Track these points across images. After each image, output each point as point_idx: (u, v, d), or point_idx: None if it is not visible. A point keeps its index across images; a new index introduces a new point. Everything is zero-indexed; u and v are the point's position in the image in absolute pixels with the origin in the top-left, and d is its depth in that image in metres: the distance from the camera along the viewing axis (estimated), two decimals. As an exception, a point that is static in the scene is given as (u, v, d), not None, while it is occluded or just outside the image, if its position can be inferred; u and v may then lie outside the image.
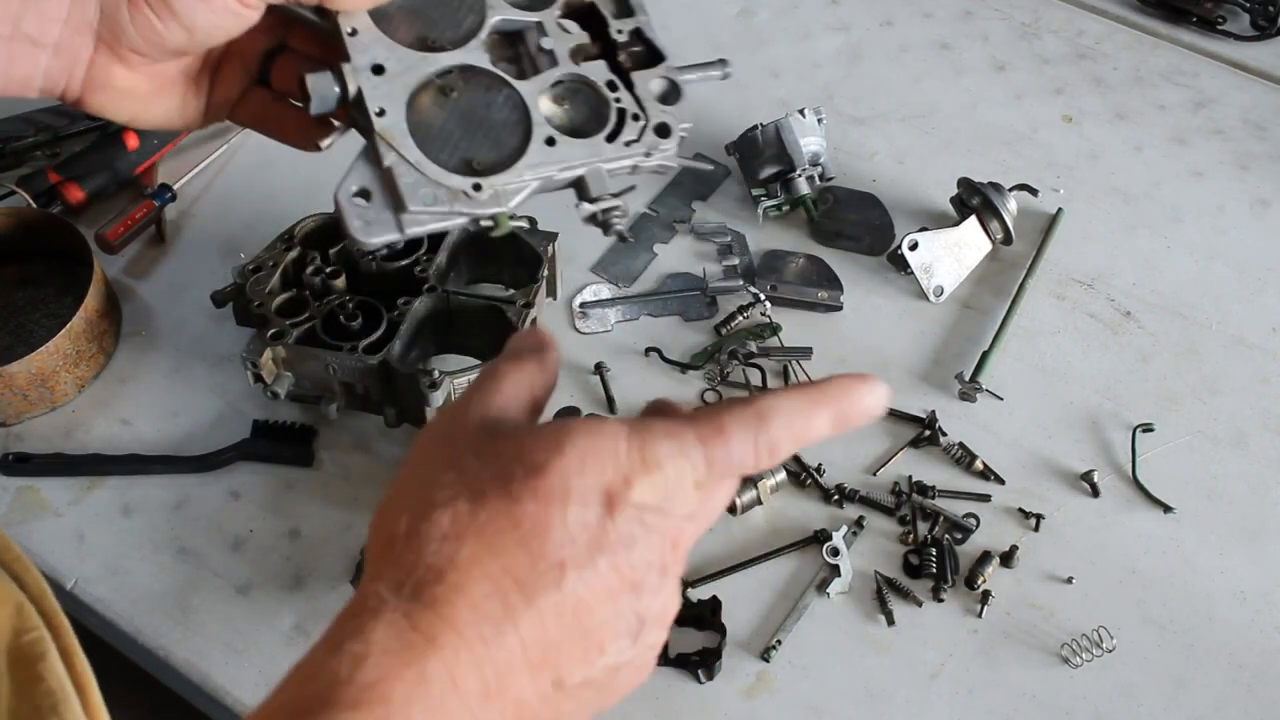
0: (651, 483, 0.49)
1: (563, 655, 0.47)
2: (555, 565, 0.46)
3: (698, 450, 0.50)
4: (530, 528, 0.47)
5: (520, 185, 0.69)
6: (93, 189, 1.15)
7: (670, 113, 0.76)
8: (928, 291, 1.11)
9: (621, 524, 0.48)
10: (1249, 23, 1.39)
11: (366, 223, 0.66)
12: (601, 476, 0.48)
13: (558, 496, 0.47)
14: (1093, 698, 0.88)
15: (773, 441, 0.51)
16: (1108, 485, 0.99)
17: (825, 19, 1.40)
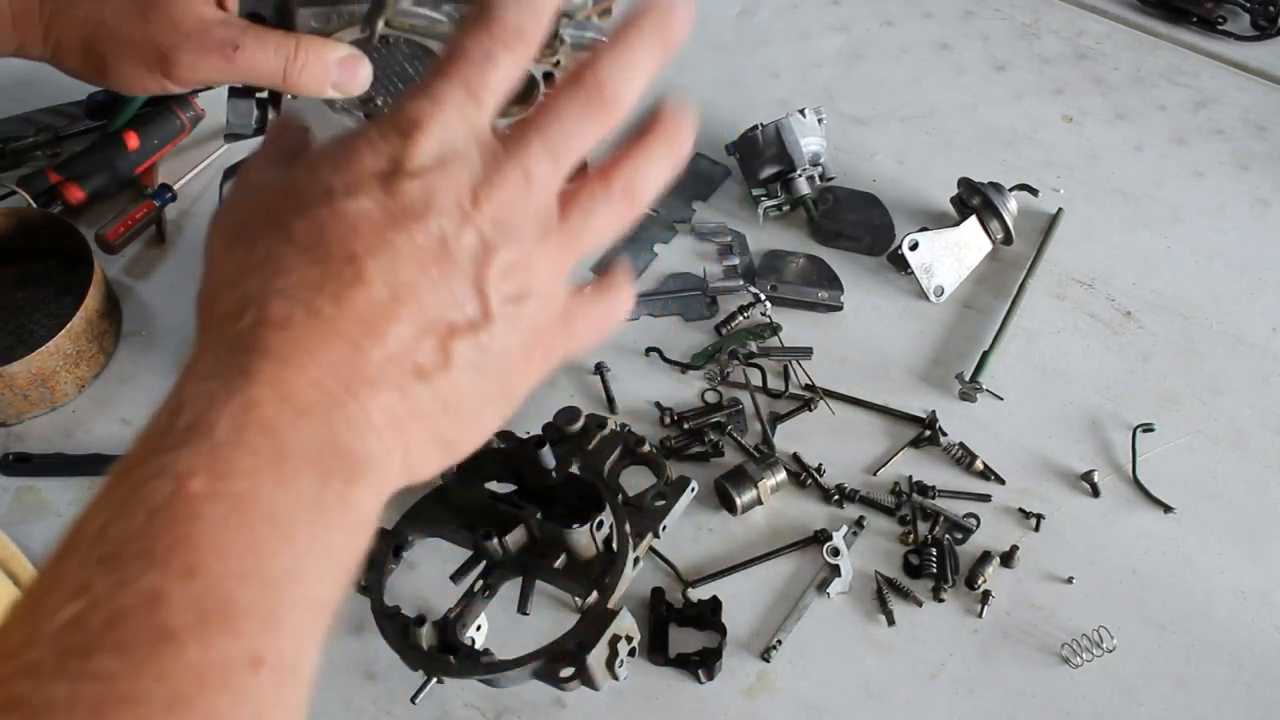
0: (420, 145, 0.44)
1: (405, 343, 0.43)
2: (348, 260, 0.43)
3: (444, 82, 0.45)
4: (306, 240, 0.43)
5: None
6: (93, 189, 1.15)
7: None
8: (928, 291, 1.11)
9: (401, 196, 0.43)
10: (1249, 23, 1.39)
11: None
12: (363, 165, 0.44)
13: (322, 200, 0.44)
14: (1093, 698, 0.88)
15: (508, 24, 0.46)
16: (1108, 485, 0.99)
17: (825, 19, 1.40)
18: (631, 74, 0.47)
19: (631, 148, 0.49)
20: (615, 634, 0.78)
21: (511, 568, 0.84)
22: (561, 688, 0.77)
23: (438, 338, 0.44)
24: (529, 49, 0.47)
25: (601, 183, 0.48)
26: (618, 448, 0.93)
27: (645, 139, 0.49)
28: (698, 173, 1.22)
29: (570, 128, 0.46)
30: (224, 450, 0.39)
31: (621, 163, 0.49)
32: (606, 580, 0.82)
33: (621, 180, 0.49)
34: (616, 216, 0.49)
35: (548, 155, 0.46)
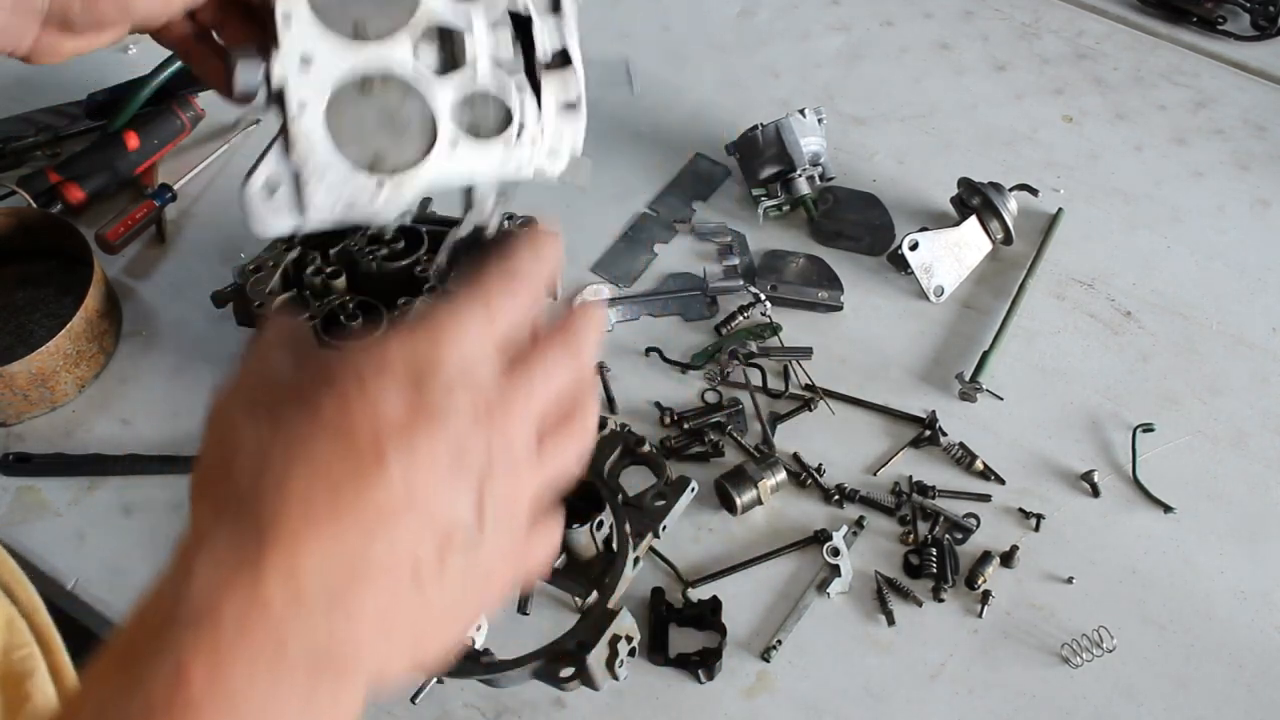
0: (449, 355, 0.47)
1: (410, 543, 0.44)
2: (372, 450, 0.44)
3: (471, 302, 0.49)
4: (334, 422, 0.44)
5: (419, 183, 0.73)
6: (93, 189, 1.15)
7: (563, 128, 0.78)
8: (928, 291, 1.11)
9: (429, 395, 0.45)
10: (1249, 23, 1.39)
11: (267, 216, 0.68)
12: (394, 365, 0.46)
13: (354, 388, 0.45)
14: (1093, 698, 0.88)
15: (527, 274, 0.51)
16: (1108, 485, 0.99)
17: (825, 19, 1.40)
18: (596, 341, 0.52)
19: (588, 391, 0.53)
20: (615, 634, 0.79)
21: None
22: (561, 688, 0.78)
23: (437, 545, 0.44)
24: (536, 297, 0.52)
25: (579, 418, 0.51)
26: (618, 448, 0.93)
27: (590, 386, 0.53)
28: (698, 173, 1.22)
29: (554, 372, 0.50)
30: (226, 641, 0.40)
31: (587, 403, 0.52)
32: (606, 580, 0.82)
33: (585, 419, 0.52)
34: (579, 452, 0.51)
35: (541, 386, 0.49)
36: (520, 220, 1.03)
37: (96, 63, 1.29)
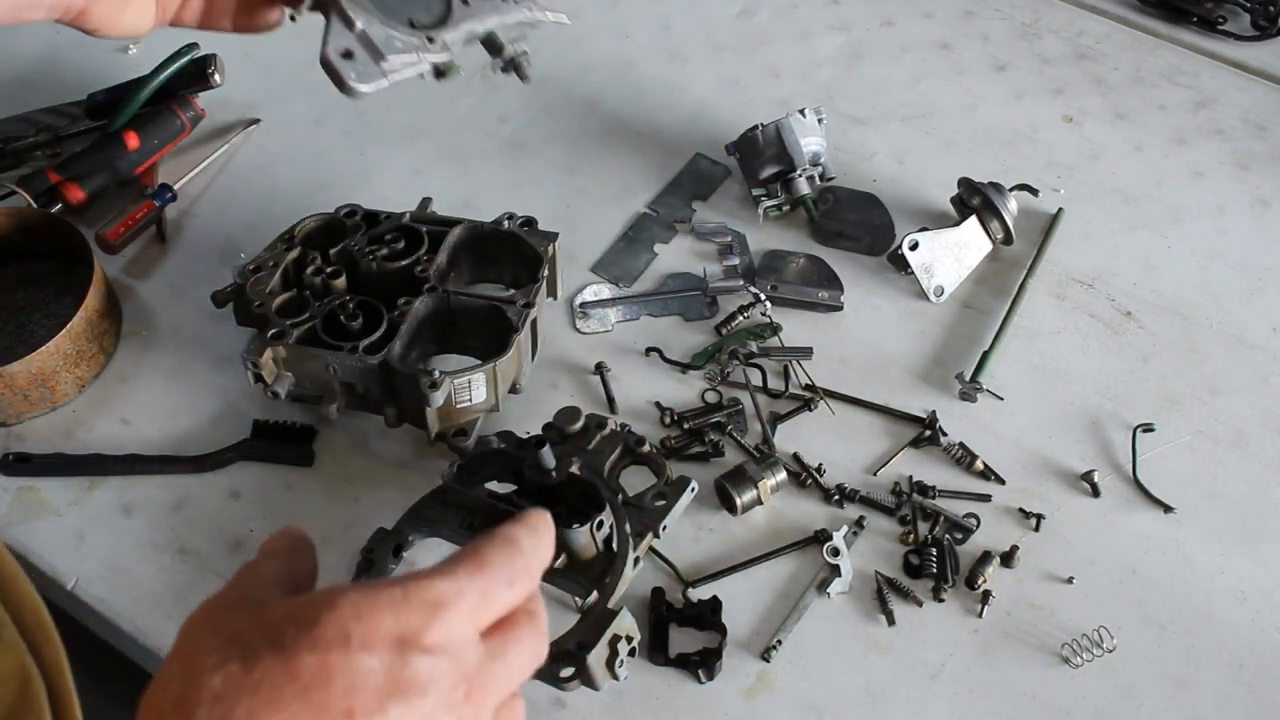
0: (438, 632, 0.48)
1: None
2: (343, 714, 0.44)
3: (469, 582, 0.50)
4: (310, 679, 0.44)
5: (457, 37, 0.83)
6: (93, 189, 1.15)
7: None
8: (928, 291, 1.11)
9: (412, 668, 0.46)
10: (1249, 23, 1.39)
11: (359, 74, 0.75)
12: (383, 623, 0.47)
13: (337, 645, 0.45)
14: (1093, 698, 0.88)
15: (528, 565, 0.53)
16: (1108, 485, 0.99)
17: (825, 19, 1.40)
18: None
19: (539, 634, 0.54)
20: (615, 634, 0.79)
21: None
22: (561, 688, 0.78)
23: None
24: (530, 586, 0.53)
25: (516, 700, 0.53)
26: (618, 448, 0.93)
27: None
28: (698, 173, 1.22)
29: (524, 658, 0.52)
30: None
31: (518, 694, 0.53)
32: (606, 580, 0.82)
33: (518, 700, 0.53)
34: None
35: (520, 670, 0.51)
36: (521, 220, 1.03)
37: (96, 63, 1.29)
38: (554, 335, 1.08)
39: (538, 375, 1.05)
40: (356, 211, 1.04)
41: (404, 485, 0.96)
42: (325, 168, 1.20)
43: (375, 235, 1.01)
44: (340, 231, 1.02)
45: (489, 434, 0.95)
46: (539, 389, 1.04)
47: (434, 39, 0.80)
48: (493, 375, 0.94)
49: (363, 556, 0.89)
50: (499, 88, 1.30)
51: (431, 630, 0.47)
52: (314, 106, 1.25)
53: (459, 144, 1.25)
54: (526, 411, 1.01)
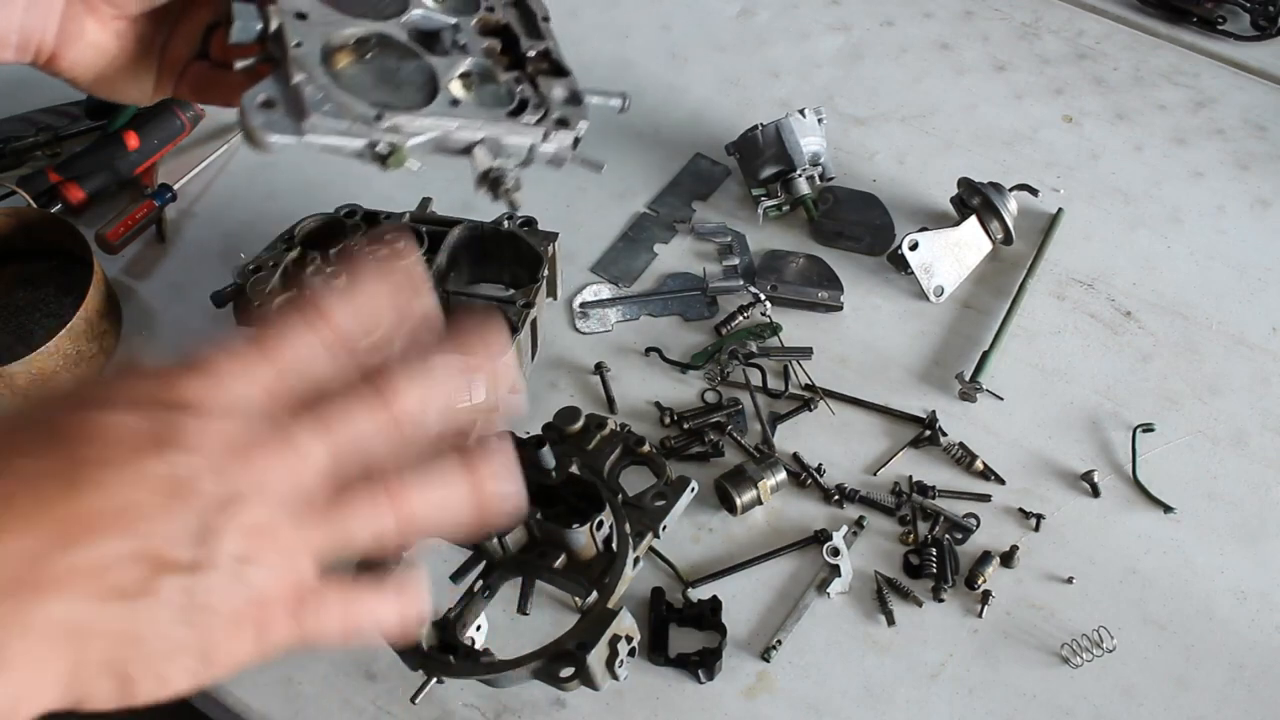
0: (211, 392, 0.46)
1: (105, 559, 0.43)
2: (88, 460, 0.43)
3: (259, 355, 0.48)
4: (65, 434, 0.44)
5: (420, 129, 0.73)
6: (93, 189, 1.15)
7: (571, 112, 0.80)
8: (928, 291, 1.11)
9: (174, 426, 0.45)
10: (1249, 23, 1.39)
11: (268, 122, 0.68)
12: (149, 388, 0.46)
13: (95, 404, 0.45)
14: (1093, 698, 0.88)
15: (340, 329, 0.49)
16: (1108, 485, 0.99)
17: (825, 19, 1.40)
18: (429, 400, 0.50)
19: (423, 472, 0.50)
20: (615, 634, 0.79)
21: (511, 568, 0.84)
22: (561, 688, 0.78)
23: (147, 565, 0.43)
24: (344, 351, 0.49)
25: (368, 485, 0.49)
26: (618, 448, 0.93)
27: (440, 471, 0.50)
28: (698, 173, 1.22)
29: (355, 431, 0.48)
30: None
31: (402, 478, 0.49)
32: (606, 580, 0.82)
33: (390, 492, 0.49)
34: (377, 524, 0.49)
35: (324, 441, 0.47)
36: (521, 220, 1.03)
37: (96, 63, 1.29)
38: (554, 335, 1.08)
39: (538, 375, 1.05)
40: (356, 211, 1.04)
41: (404, 485, 0.96)
42: (325, 168, 1.20)
43: (376, 236, 1.01)
44: (340, 231, 1.02)
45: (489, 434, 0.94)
46: (539, 389, 1.04)
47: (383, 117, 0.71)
48: (493, 375, 0.94)
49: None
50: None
51: (203, 393, 0.46)
52: (314, 106, 1.25)
53: (459, 144, 1.25)
54: (527, 411, 1.01)
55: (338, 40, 0.74)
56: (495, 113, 0.77)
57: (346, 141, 0.70)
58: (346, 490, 0.48)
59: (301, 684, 0.87)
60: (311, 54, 0.71)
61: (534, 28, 0.84)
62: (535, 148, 0.78)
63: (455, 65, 0.78)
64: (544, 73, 0.81)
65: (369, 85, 0.74)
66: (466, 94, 0.78)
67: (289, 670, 0.88)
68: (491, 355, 0.52)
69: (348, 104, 0.70)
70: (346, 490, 0.48)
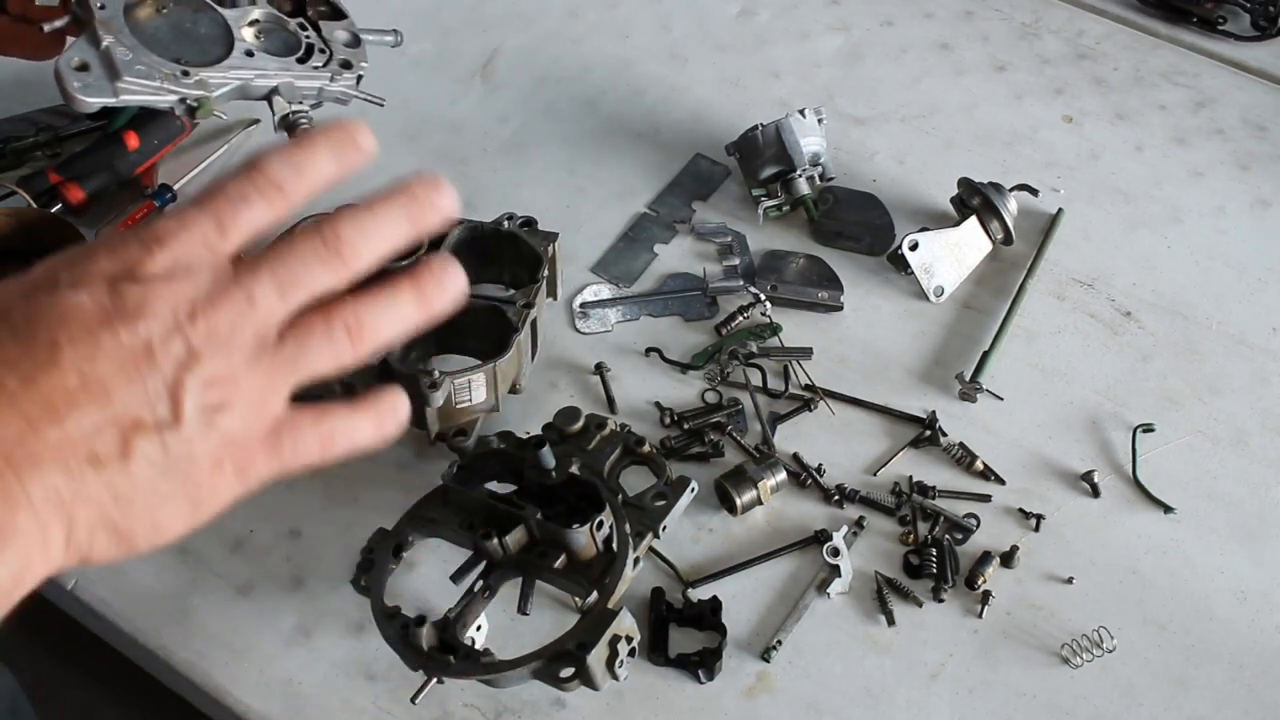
0: (155, 258, 0.48)
1: (83, 431, 0.45)
2: (49, 345, 0.45)
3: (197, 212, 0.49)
4: (18, 322, 0.46)
5: (223, 80, 0.82)
6: (93, 189, 1.15)
7: (352, 54, 0.91)
8: (928, 291, 1.11)
9: (125, 298, 0.46)
10: (1249, 23, 1.39)
11: (85, 86, 0.75)
12: (96, 266, 0.47)
13: (44, 288, 0.47)
14: (1093, 698, 0.88)
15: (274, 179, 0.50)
16: (1108, 485, 0.99)
17: (825, 19, 1.40)
18: (372, 239, 0.52)
19: (371, 293, 0.52)
20: (615, 634, 0.79)
21: (511, 568, 0.84)
22: (561, 688, 0.78)
23: (121, 431, 0.46)
24: (286, 202, 0.51)
25: (323, 317, 0.51)
26: (618, 448, 0.93)
27: (388, 289, 0.53)
28: (698, 173, 1.22)
29: (300, 270, 0.50)
30: None
31: (353, 303, 0.52)
32: (606, 580, 0.82)
33: (345, 319, 0.51)
34: (335, 351, 0.51)
35: (274, 287, 0.49)
36: (521, 220, 1.03)
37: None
38: (554, 335, 1.08)
39: (538, 375, 1.05)
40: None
41: (404, 485, 0.96)
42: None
43: None
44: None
45: (489, 434, 0.94)
46: (539, 389, 1.04)
47: (189, 73, 0.79)
48: (493, 375, 0.94)
49: (363, 557, 0.89)
50: (499, 88, 1.30)
51: (150, 261, 0.48)
52: (314, 106, 1.25)
53: (459, 144, 1.25)
54: (526, 411, 1.01)
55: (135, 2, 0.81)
56: (286, 60, 0.87)
57: (158, 99, 0.78)
58: (302, 326, 0.50)
59: (301, 684, 0.87)
60: (116, 15, 0.78)
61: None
62: (324, 89, 0.89)
63: (245, 15, 0.87)
64: (325, 16, 0.92)
65: (170, 40, 0.81)
66: (258, 43, 0.87)
67: (289, 671, 0.88)
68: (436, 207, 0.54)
69: (156, 63, 0.77)
70: (302, 326, 0.50)
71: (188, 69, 0.79)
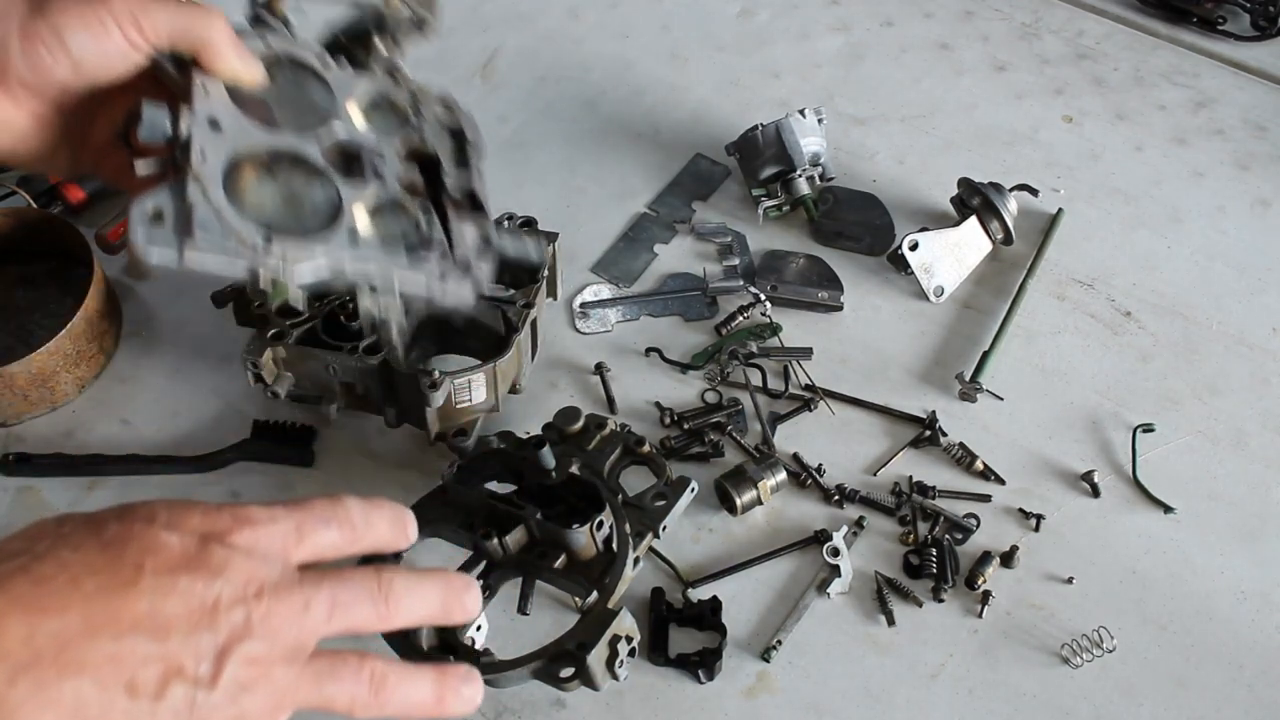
0: (246, 531, 0.52)
1: (133, 656, 0.47)
2: (133, 565, 0.48)
3: (285, 513, 0.54)
4: (111, 538, 0.49)
5: (310, 258, 0.70)
6: (93, 189, 1.15)
7: (474, 257, 0.77)
8: (928, 291, 1.11)
9: (210, 553, 0.50)
10: (1249, 23, 1.39)
11: (150, 237, 0.66)
12: (191, 518, 0.51)
13: (142, 520, 0.50)
14: (1093, 698, 0.88)
15: (351, 518, 0.56)
16: (1108, 485, 0.99)
17: (825, 19, 1.40)
18: (415, 602, 0.57)
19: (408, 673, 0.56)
20: (615, 634, 0.79)
21: (511, 568, 0.84)
22: (561, 688, 0.78)
23: (164, 670, 0.48)
24: (354, 540, 0.56)
25: (365, 670, 0.55)
26: (618, 448, 0.93)
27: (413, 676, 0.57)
28: (698, 173, 1.22)
29: (352, 601, 0.54)
30: None
31: (392, 677, 0.55)
32: (606, 580, 0.82)
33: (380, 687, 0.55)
34: (357, 700, 0.55)
35: (328, 604, 0.53)
36: (521, 220, 1.03)
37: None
38: (554, 335, 1.08)
39: (538, 375, 1.05)
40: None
41: (404, 485, 0.96)
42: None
43: None
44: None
45: (489, 434, 0.94)
46: (539, 389, 1.04)
47: (272, 245, 0.68)
48: (493, 375, 0.94)
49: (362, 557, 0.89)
50: (499, 88, 1.30)
51: (238, 533, 0.52)
52: (314, 106, 1.25)
53: (459, 144, 1.25)
54: (526, 411, 1.01)
55: (246, 153, 0.71)
56: (394, 250, 0.73)
57: (229, 269, 0.68)
58: (336, 656, 0.54)
59: (301, 684, 0.87)
60: (213, 168, 0.69)
61: (464, 160, 0.81)
62: (431, 291, 0.74)
63: (364, 193, 0.74)
64: (459, 206, 0.78)
65: (269, 204, 0.71)
66: (370, 224, 0.74)
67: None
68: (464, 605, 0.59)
69: (237, 228, 0.67)
70: (336, 656, 0.54)
71: (270, 238, 0.68)
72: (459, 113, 0.84)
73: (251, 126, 0.73)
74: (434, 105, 0.83)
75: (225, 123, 0.71)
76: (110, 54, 0.70)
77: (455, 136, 0.82)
